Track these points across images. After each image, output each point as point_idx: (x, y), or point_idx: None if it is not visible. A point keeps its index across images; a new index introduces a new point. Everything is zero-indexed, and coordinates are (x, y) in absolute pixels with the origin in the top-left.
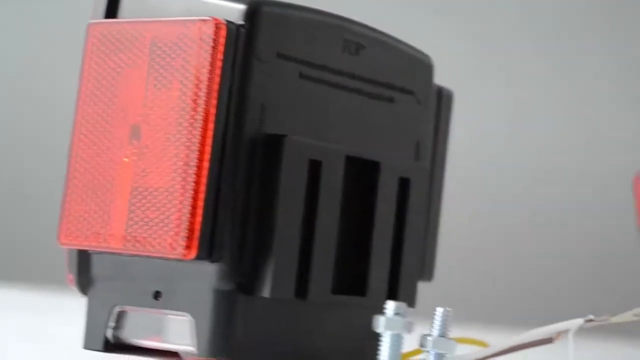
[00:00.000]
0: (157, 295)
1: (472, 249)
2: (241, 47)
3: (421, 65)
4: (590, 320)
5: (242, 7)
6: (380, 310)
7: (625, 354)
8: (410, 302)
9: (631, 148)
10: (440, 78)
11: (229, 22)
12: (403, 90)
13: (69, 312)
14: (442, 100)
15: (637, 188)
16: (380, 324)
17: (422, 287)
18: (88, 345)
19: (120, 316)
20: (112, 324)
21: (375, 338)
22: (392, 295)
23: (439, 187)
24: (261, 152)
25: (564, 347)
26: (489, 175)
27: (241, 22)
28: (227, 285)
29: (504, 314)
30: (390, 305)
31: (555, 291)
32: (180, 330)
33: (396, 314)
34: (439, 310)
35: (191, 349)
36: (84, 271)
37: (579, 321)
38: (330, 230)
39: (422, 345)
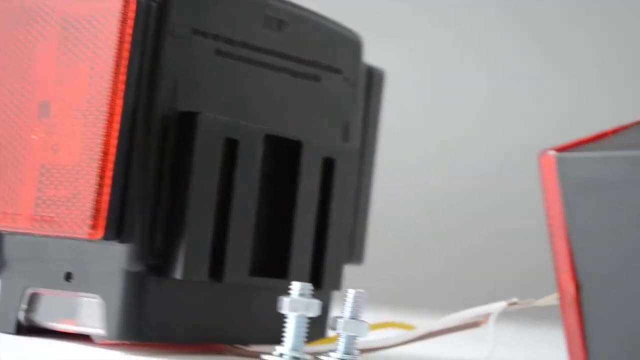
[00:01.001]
0: (68, 276)
1: (401, 233)
2: (153, 22)
3: (349, 43)
4: (514, 304)
5: None
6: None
7: (548, 337)
8: (336, 285)
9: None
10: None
11: None
12: (330, 69)
13: None
14: (373, 79)
15: (541, 165)
16: (285, 305)
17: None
18: (0, 329)
19: (33, 298)
20: (24, 306)
21: None
22: (316, 278)
23: (369, 168)
24: (174, 130)
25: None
26: (421, 161)
27: None
28: (137, 267)
29: (431, 298)
30: (295, 286)
31: (481, 275)
32: (91, 312)
33: (301, 295)
34: (351, 292)
35: (102, 332)
36: None
37: (502, 304)
38: (247, 211)
39: (332, 327)
